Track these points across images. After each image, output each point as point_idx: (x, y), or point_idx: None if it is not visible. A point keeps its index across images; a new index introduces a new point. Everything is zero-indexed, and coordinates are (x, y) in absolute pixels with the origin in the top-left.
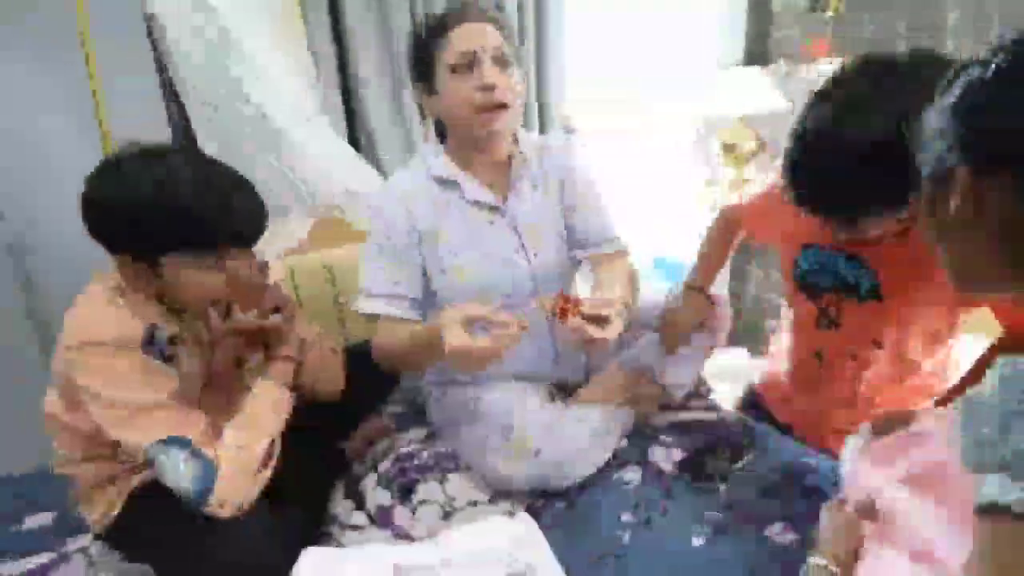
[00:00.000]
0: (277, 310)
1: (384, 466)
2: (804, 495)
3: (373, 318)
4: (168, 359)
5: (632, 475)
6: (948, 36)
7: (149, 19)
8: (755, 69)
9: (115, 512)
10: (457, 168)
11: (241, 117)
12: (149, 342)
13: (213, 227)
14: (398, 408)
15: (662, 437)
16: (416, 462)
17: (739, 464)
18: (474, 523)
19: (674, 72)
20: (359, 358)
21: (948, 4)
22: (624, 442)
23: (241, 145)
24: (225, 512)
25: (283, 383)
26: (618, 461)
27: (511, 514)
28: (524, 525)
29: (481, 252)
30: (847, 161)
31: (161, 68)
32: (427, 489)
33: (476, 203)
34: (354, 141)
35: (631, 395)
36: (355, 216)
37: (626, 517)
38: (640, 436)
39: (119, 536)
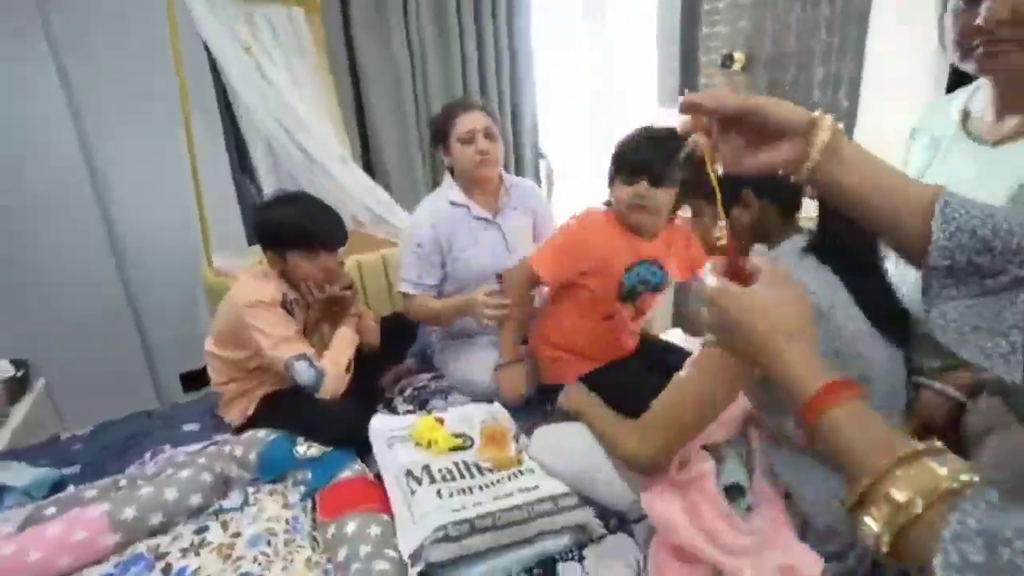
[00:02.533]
0: (349, 288)
1: (407, 392)
2: None
3: (407, 296)
4: (290, 313)
5: None
6: (815, 88)
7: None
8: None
9: (249, 413)
10: (466, 197)
11: (290, 157)
12: (283, 303)
13: (320, 238)
14: (414, 359)
15: None
16: (428, 389)
17: None
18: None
19: (624, 109)
20: (390, 325)
21: (816, 62)
22: None
23: (296, 181)
24: (328, 396)
25: (352, 328)
26: None
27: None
28: (497, 407)
29: (481, 250)
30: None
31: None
32: (435, 404)
33: (478, 218)
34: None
35: None
36: (375, 230)
37: None
38: None
39: (251, 427)
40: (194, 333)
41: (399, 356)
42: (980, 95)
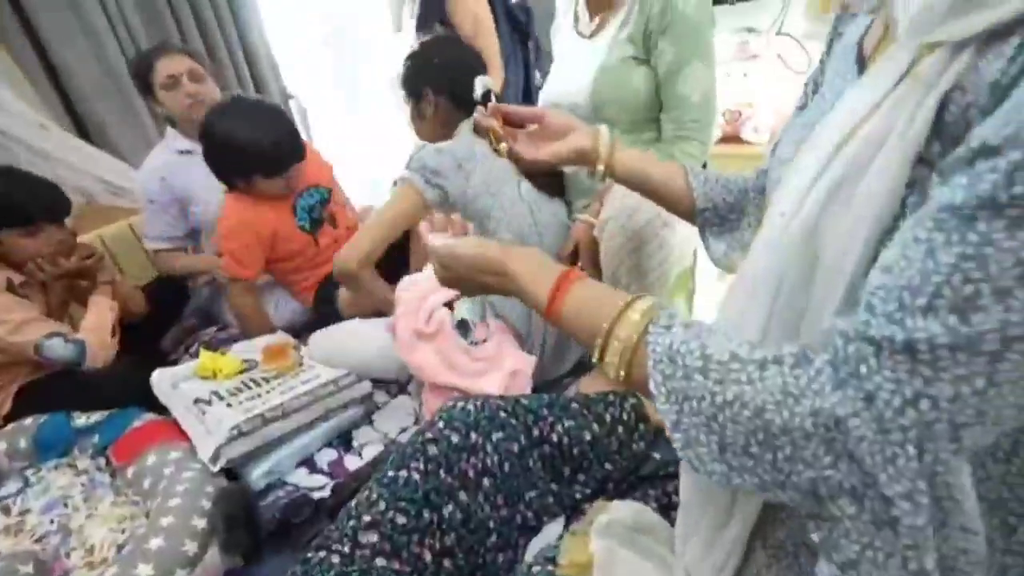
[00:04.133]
0: (90, 256)
1: (193, 348)
2: None
3: (156, 253)
4: (24, 297)
5: None
6: None
7: None
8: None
9: (6, 410)
10: (192, 142)
11: None
12: (8, 287)
13: (36, 212)
14: (196, 317)
15: None
16: (215, 341)
17: None
18: None
19: (363, 37)
20: (157, 289)
21: None
22: None
23: None
24: (98, 364)
25: (108, 295)
26: None
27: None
28: (280, 333)
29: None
30: None
31: None
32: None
33: None
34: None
35: None
36: (115, 200)
37: None
38: None
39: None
40: None
41: (175, 317)
42: None
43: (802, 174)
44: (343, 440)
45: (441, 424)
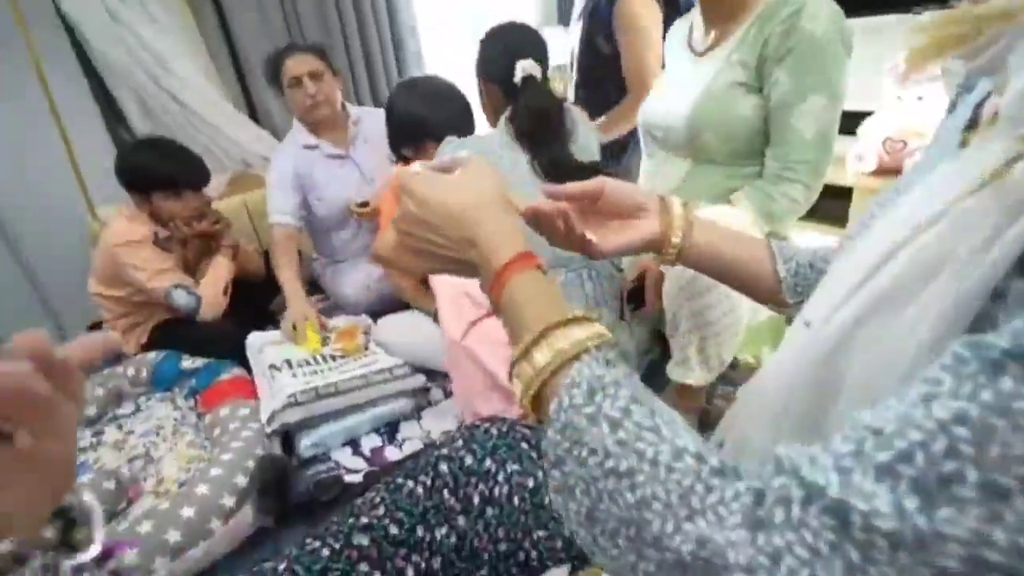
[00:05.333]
0: (218, 222)
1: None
2: None
3: (274, 227)
4: (165, 250)
5: None
6: None
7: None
8: (560, 28)
9: (143, 342)
10: (315, 138)
11: (163, 104)
12: (154, 240)
13: (179, 179)
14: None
15: None
16: (318, 308)
17: None
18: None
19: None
20: None
21: None
22: None
23: (169, 126)
24: (208, 317)
25: (228, 258)
26: None
27: (359, 315)
28: (363, 316)
29: (340, 186)
30: None
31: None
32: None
33: (332, 156)
34: (253, 116)
35: None
36: (262, 170)
37: None
38: None
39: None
40: None
41: None
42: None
43: (841, 279)
44: (390, 430)
45: (460, 443)
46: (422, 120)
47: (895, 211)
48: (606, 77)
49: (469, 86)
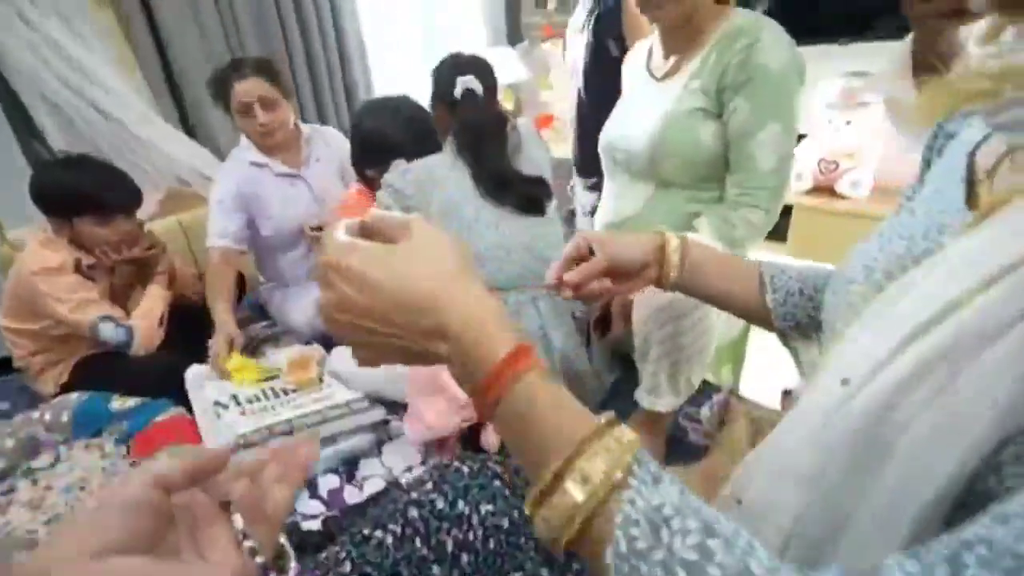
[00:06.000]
0: (151, 248)
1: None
2: None
3: (211, 250)
4: (89, 278)
5: None
6: None
7: None
8: (509, 48)
9: (63, 381)
10: (265, 156)
11: (85, 117)
12: (76, 268)
13: (109, 203)
14: (250, 310)
15: None
16: (259, 337)
17: None
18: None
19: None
20: None
21: None
22: None
23: (93, 141)
24: (142, 351)
25: (163, 285)
26: None
27: (308, 343)
28: (315, 345)
29: (290, 206)
30: None
31: None
32: (265, 350)
33: (282, 175)
34: (189, 131)
35: None
36: (205, 189)
37: None
38: None
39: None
40: None
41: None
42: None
43: (881, 333)
44: (348, 468)
45: (429, 485)
46: (389, 139)
47: (935, 269)
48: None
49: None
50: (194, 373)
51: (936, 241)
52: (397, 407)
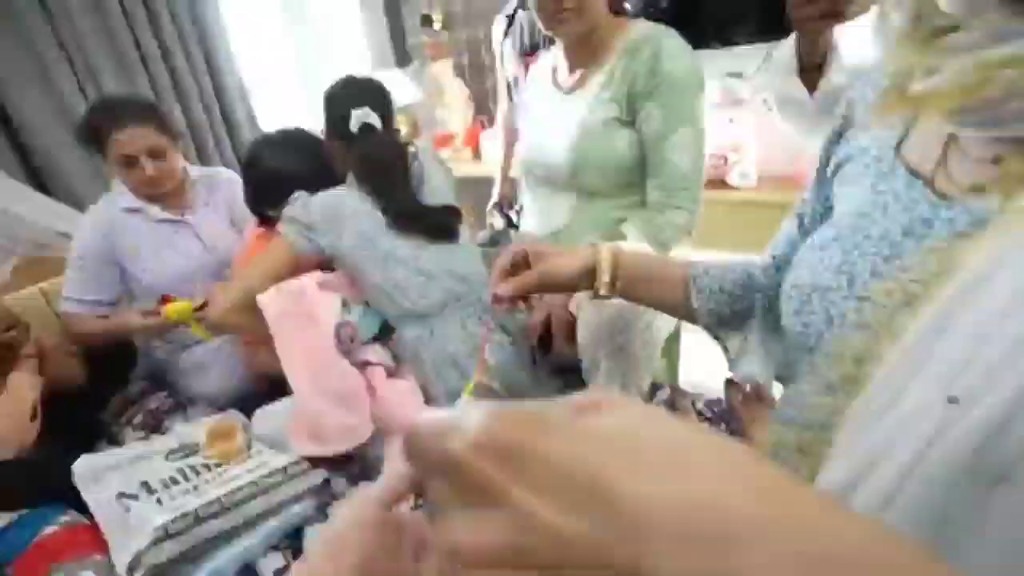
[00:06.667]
0: (10, 328)
1: (137, 419)
2: None
3: (67, 315)
4: None
5: None
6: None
7: None
8: (398, 70)
9: None
10: (142, 201)
11: None
12: None
13: None
14: (146, 381)
15: None
16: (161, 410)
17: None
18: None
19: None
20: (101, 352)
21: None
22: None
23: None
24: (11, 455)
25: (31, 371)
26: None
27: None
28: (232, 411)
29: (172, 255)
30: None
31: None
32: (170, 424)
33: (163, 221)
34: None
35: None
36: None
37: None
38: None
39: None
40: None
41: (121, 383)
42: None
43: (985, 347)
44: (293, 541)
45: None
46: (287, 176)
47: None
48: None
49: None
50: (85, 466)
51: (917, 235)
52: (343, 465)
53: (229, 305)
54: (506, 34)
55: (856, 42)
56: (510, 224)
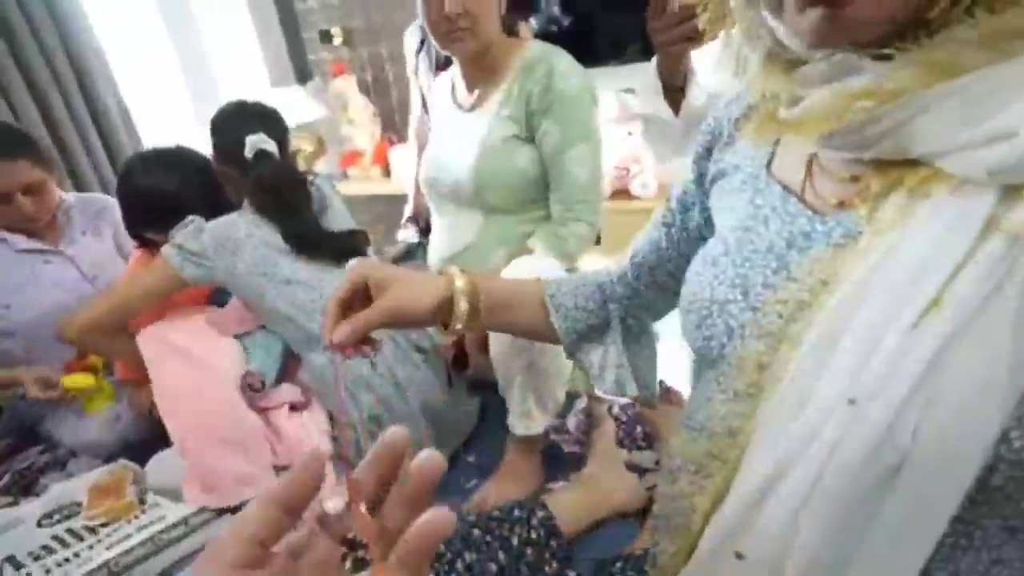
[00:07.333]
0: None
1: (4, 480)
2: None
3: None
4: None
5: None
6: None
7: None
8: (299, 87)
9: None
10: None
11: None
12: None
13: None
14: (12, 436)
15: None
16: (35, 466)
17: None
18: None
19: (236, 94)
20: None
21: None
22: None
23: None
24: None
25: None
26: None
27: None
28: (122, 461)
29: (44, 289)
30: None
31: None
32: (47, 482)
33: (31, 251)
34: None
35: None
36: None
37: None
38: None
39: None
40: None
41: None
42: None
43: (876, 348)
44: None
45: None
46: (169, 196)
47: (891, 271)
48: None
49: None
50: None
51: (799, 247)
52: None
53: (87, 320)
54: (420, 47)
55: (710, 66)
56: (425, 234)
